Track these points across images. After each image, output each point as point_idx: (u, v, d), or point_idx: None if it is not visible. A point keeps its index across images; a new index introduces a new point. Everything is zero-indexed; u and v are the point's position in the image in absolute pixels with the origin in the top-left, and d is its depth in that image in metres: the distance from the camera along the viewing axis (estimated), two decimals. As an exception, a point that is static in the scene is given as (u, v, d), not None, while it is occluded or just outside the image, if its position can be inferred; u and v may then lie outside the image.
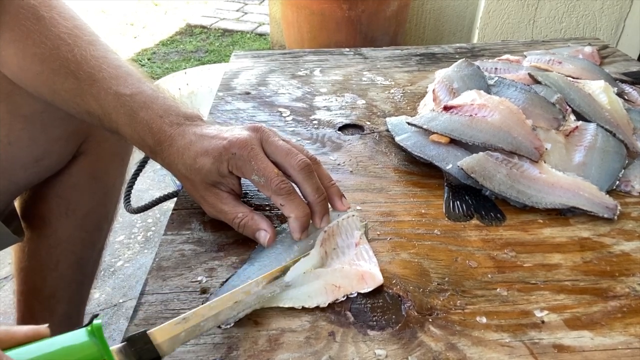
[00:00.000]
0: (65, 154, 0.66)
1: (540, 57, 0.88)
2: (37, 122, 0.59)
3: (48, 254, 0.71)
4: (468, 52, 0.98)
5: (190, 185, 0.50)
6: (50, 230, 0.71)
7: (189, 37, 2.92)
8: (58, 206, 0.71)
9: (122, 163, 0.77)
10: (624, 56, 0.96)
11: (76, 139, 0.67)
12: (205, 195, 0.49)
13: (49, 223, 0.71)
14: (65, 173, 0.68)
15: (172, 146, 0.48)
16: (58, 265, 0.72)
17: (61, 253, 0.72)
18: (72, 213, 0.71)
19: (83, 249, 0.75)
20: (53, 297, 0.73)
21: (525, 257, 0.49)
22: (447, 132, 0.62)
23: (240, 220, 0.48)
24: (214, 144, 0.47)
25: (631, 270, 0.48)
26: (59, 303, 0.74)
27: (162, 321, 0.41)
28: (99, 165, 0.72)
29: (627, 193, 0.59)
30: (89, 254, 0.77)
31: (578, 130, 0.66)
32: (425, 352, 0.39)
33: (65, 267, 0.73)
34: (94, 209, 0.75)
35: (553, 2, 1.59)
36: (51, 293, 0.72)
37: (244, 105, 0.79)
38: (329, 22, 1.64)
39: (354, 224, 0.49)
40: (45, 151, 0.62)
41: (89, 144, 0.69)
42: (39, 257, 0.72)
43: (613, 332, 0.41)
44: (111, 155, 0.73)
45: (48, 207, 0.71)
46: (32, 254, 0.72)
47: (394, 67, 0.93)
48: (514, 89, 0.70)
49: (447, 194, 0.58)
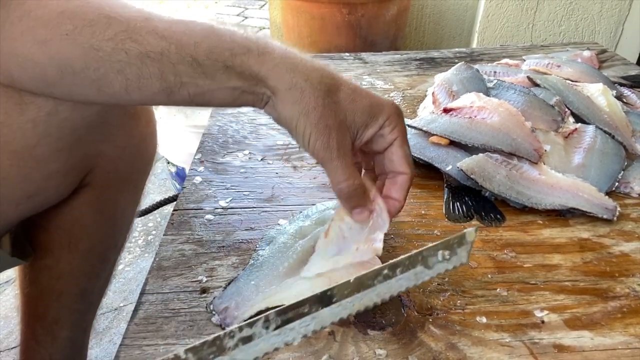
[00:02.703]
0: (63, 188, 0.59)
1: (539, 61, 0.88)
2: (28, 157, 0.51)
3: (50, 284, 0.66)
4: (467, 57, 0.98)
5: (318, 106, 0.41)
6: (52, 261, 0.66)
7: (190, 42, 2.93)
8: (60, 238, 0.65)
9: (136, 191, 0.69)
10: (623, 60, 0.97)
11: (77, 173, 0.59)
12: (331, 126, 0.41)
13: (50, 254, 0.65)
14: (67, 205, 0.61)
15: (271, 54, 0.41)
16: (61, 296, 0.67)
17: (64, 285, 0.66)
18: (74, 247, 0.65)
19: (88, 281, 0.69)
20: (56, 324, 0.70)
21: (525, 257, 0.49)
22: (447, 134, 0.63)
23: (352, 186, 0.42)
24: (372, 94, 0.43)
25: (631, 270, 0.48)
26: (63, 329, 0.70)
27: (162, 321, 0.42)
28: (106, 197, 0.64)
29: (626, 194, 0.59)
30: (93, 284, 0.71)
31: (577, 132, 0.66)
32: (425, 352, 0.39)
33: (68, 298, 0.67)
34: (100, 242, 0.68)
35: (552, 5, 1.60)
36: (54, 320, 0.68)
37: (245, 108, 0.79)
38: (329, 26, 1.65)
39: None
40: (38, 188, 0.55)
41: (95, 176, 0.61)
42: (41, 286, 0.67)
43: (613, 332, 0.41)
44: (122, 185, 0.65)
45: (49, 237, 0.65)
46: (34, 281, 0.67)
47: (393, 71, 0.93)
48: (513, 92, 0.71)
49: (447, 195, 0.58)
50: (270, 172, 0.63)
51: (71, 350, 0.70)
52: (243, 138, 0.71)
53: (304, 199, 0.58)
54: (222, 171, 0.63)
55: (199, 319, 0.42)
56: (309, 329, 0.29)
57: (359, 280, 0.30)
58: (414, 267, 0.32)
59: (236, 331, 0.27)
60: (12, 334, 0.99)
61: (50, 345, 0.68)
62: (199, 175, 0.62)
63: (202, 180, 0.62)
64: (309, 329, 0.29)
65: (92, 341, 1.04)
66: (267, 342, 0.28)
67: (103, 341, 1.05)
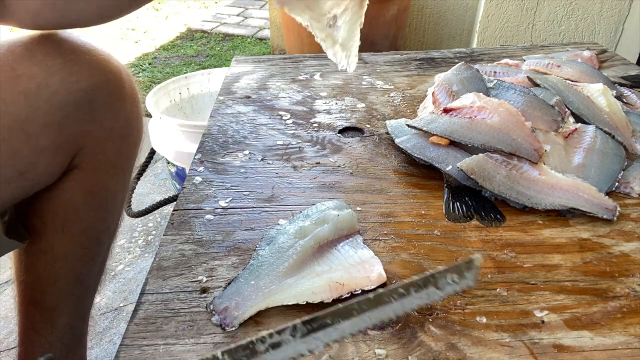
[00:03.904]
0: (54, 166, 0.60)
1: (539, 61, 0.88)
2: (18, 131, 0.54)
3: (46, 269, 0.67)
4: (467, 57, 0.98)
5: None
6: (47, 246, 0.67)
7: (190, 42, 2.93)
8: (53, 222, 0.66)
9: (124, 175, 0.70)
10: (623, 60, 0.96)
11: (66, 151, 0.60)
12: None
13: (45, 238, 0.66)
14: (58, 188, 0.63)
15: None
16: (57, 280, 0.68)
17: (60, 269, 0.67)
18: (68, 230, 0.66)
19: (83, 265, 0.70)
20: (54, 310, 0.70)
21: (525, 257, 0.49)
22: (447, 134, 0.63)
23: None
24: None
25: (631, 270, 0.48)
26: (61, 316, 0.71)
27: (162, 321, 0.42)
28: (95, 180, 0.65)
29: (626, 194, 0.59)
30: (89, 268, 0.72)
31: (577, 132, 0.66)
32: (425, 352, 0.39)
33: (64, 283, 0.68)
34: (93, 225, 0.69)
35: (552, 5, 1.60)
36: (52, 306, 0.68)
37: (245, 108, 0.79)
38: (329, 27, 1.64)
39: (350, 221, 0.50)
40: (29, 163, 0.57)
41: (84, 157, 0.62)
42: (37, 272, 0.67)
43: (613, 332, 0.41)
44: (110, 168, 0.67)
45: (43, 222, 0.66)
46: (30, 267, 0.68)
47: (393, 71, 0.93)
48: (513, 92, 0.71)
49: (447, 195, 0.58)
50: (270, 172, 0.63)
51: (71, 339, 0.70)
52: (243, 138, 0.71)
53: (304, 199, 0.58)
54: (222, 171, 0.63)
55: (199, 319, 0.42)
56: (331, 338, 0.31)
57: (378, 296, 0.32)
58: (427, 287, 0.34)
59: (267, 337, 0.30)
60: (12, 334, 0.99)
61: (49, 333, 0.68)
62: (199, 175, 0.63)
63: (202, 180, 0.62)
64: (331, 339, 0.32)
65: (92, 341, 1.04)
66: (293, 348, 0.31)
67: (103, 341, 1.05)
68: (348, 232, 0.50)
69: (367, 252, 0.47)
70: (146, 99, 1.54)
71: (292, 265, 0.45)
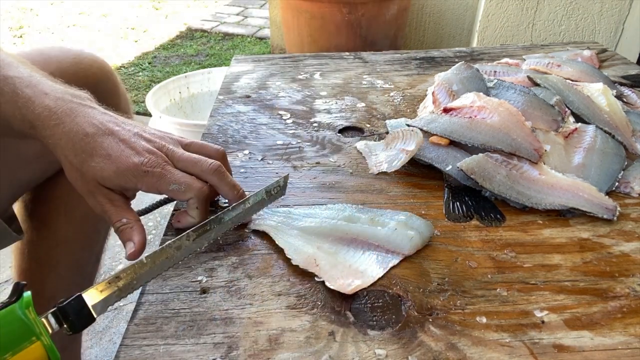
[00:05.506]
0: None
1: (539, 61, 0.88)
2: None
3: (47, 255, 0.72)
4: (467, 56, 0.98)
5: (78, 176, 0.47)
6: (49, 232, 0.72)
7: (190, 41, 2.93)
8: (56, 207, 0.71)
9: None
10: (623, 59, 0.96)
11: None
12: (94, 192, 0.47)
13: (47, 224, 0.71)
14: (62, 175, 0.69)
15: (59, 126, 0.45)
16: (57, 266, 0.73)
17: (60, 254, 0.72)
18: (69, 214, 0.71)
19: (81, 251, 0.75)
20: (53, 299, 0.73)
21: (525, 257, 0.49)
22: (447, 133, 0.63)
23: (122, 225, 0.46)
24: (122, 157, 0.45)
25: (631, 270, 0.48)
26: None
27: (162, 321, 0.42)
28: None
29: (626, 194, 0.59)
30: (87, 255, 0.77)
31: (577, 132, 0.66)
32: (425, 352, 0.39)
33: (64, 269, 0.73)
34: (92, 212, 0.75)
35: (552, 5, 1.60)
36: (51, 294, 0.72)
37: (245, 108, 0.79)
38: (329, 26, 1.65)
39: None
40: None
41: None
42: (38, 259, 0.73)
43: (613, 332, 0.41)
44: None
45: (47, 208, 0.71)
46: (31, 255, 0.73)
47: (393, 70, 0.93)
48: (513, 91, 0.71)
49: (447, 195, 0.58)
50: (270, 172, 0.63)
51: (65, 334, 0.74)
52: (243, 138, 0.71)
53: (303, 198, 0.58)
54: (222, 171, 0.63)
55: (199, 319, 0.42)
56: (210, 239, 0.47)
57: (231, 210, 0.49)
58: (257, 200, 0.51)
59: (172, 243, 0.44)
60: (12, 334, 0.99)
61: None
62: (198, 175, 0.62)
63: (202, 180, 0.62)
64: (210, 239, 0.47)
65: (91, 340, 1.04)
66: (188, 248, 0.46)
67: (103, 341, 1.05)
68: (393, 249, 0.49)
69: (378, 271, 0.47)
70: (146, 98, 1.55)
71: (326, 230, 0.50)
